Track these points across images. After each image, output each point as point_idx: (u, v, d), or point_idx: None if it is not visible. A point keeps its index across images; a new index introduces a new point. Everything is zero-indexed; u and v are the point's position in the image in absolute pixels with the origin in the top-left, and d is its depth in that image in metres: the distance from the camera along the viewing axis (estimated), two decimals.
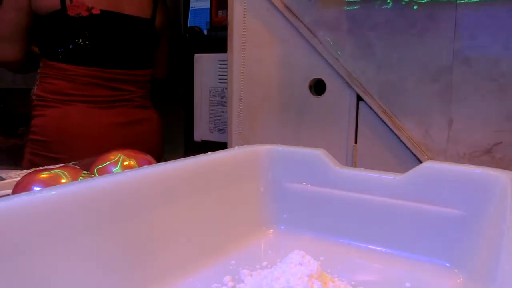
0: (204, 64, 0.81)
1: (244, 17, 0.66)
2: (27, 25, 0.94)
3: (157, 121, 1.07)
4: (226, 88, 0.76)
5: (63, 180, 0.40)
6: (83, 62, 0.93)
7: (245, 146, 0.46)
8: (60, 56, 0.92)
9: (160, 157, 1.08)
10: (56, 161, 0.90)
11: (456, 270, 0.35)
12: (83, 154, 0.85)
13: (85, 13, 0.91)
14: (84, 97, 0.94)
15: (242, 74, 0.68)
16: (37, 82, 0.97)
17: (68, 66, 0.92)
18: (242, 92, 0.68)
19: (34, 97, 0.97)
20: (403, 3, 0.54)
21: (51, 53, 0.94)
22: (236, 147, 0.46)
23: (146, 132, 1.03)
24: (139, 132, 1.01)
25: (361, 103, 0.59)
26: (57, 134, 0.93)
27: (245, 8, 0.66)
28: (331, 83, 0.60)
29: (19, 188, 0.40)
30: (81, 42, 0.92)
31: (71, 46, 0.92)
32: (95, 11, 0.91)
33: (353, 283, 0.33)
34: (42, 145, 0.94)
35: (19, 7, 0.92)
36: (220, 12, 1.05)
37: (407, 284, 0.33)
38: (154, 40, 1.05)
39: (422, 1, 0.53)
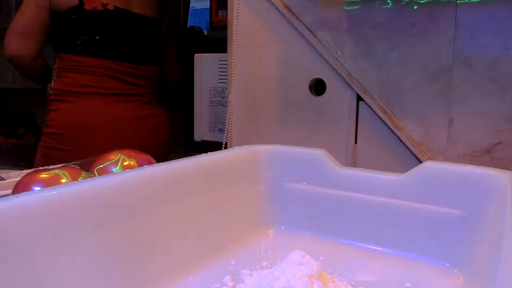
0: (204, 64, 0.81)
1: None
2: (47, 23, 0.99)
3: (165, 118, 1.13)
4: (226, 88, 0.76)
5: (63, 180, 0.40)
6: (98, 54, 0.98)
7: (245, 146, 0.46)
8: (77, 48, 0.97)
9: (168, 153, 1.13)
10: (70, 153, 0.93)
11: (456, 270, 0.35)
12: (96, 147, 0.88)
13: (100, 8, 0.97)
14: (100, 89, 0.99)
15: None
16: (54, 78, 1.01)
17: (84, 58, 0.98)
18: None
19: (51, 92, 1.01)
20: (403, 3, 0.54)
21: (67, 47, 0.98)
22: (236, 147, 0.46)
23: (155, 128, 1.09)
24: (148, 127, 1.07)
25: (361, 103, 0.59)
26: (73, 127, 0.97)
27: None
28: (331, 83, 0.60)
29: (19, 188, 0.40)
30: (95, 35, 0.98)
31: (87, 39, 0.97)
32: (110, 7, 0.99)
33: (353, 283, 0.33)
34: (57, 137, 0.98)
35: (42, 5, 0.97)
36: (220, 12, 1.05)
37: (407, 284, 0.33)
38: (160, 39, 1.12)
39: (422, 1, 0.53)
